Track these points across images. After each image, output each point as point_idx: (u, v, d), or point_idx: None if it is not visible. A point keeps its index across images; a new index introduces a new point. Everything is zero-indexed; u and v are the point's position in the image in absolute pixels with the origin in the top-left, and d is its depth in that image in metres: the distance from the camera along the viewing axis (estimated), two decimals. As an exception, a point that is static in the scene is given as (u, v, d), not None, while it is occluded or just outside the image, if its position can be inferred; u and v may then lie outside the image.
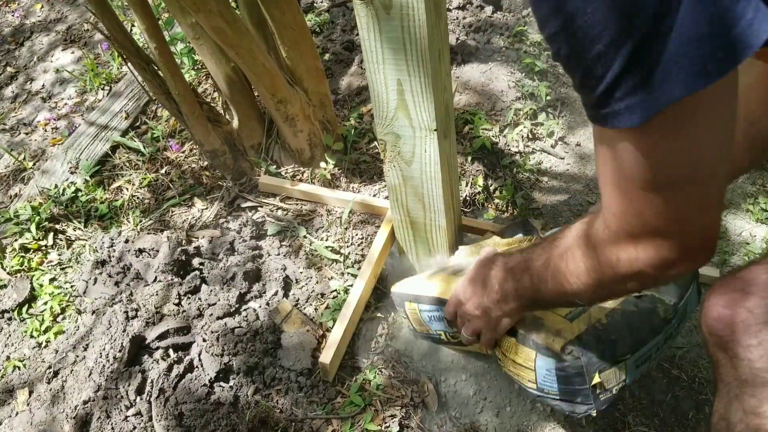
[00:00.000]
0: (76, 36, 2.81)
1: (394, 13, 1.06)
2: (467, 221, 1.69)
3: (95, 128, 2.22)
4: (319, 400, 1.43)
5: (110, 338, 1.50)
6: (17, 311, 1.73)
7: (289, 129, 1.82)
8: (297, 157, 1.92)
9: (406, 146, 1.30)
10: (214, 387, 1.43)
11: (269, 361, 1.46)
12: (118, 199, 1.98)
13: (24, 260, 1.85)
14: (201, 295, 1.59)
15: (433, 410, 1.41)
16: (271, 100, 1.73)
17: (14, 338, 1.68)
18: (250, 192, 1.90)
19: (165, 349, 1.50)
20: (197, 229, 1.82)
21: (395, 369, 1.46)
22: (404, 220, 1.49)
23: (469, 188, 1.81)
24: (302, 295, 1.62)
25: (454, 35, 2.30)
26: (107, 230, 1.87)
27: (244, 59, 1.59)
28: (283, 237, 1.76)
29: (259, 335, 1.49)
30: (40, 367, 1.58)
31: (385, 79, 1.18)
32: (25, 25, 2.96)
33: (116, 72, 2.53)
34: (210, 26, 1.48)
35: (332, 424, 1.39)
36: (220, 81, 1.83)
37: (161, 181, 2.00)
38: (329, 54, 2.35)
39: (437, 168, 1.31)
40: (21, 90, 2.63)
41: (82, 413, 1.42)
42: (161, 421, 1.38)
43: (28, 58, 2.78)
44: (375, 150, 1.94)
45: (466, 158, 1.87)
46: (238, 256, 1.67)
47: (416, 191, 1.40)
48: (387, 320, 1.57)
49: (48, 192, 2.02)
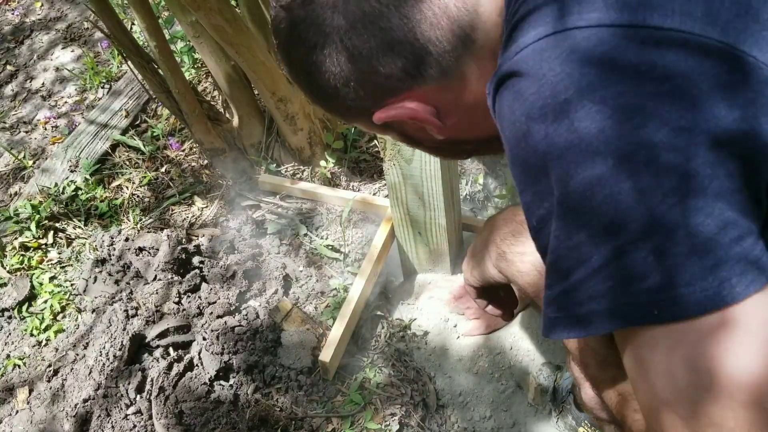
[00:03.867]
0: (76, 34, 2.81)
1: None
2: (467, 219, 1.69)
3: (95, 127, 2.22)
4: (319, 398, 1.43)
5: (110, 337, 1.50)
6: (17, 310, 1.73)
7: (289, 127, 1.82)
8: (297, 156, 1.92)
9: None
10: (214, 385, 1.44)
11: (269, 360, 1.46)
12: (118, 197, 1.98)
13: (24, 259, 1.85)
14: (201, 294, 1.59)
15: (433, 409, 1.41)
16: (271, 98, 1.73)
17: (14, 337, 1.68)
18: (250, 190, 1.90)
19: (165, 348, 1.50)
20: (197, 228, 1.82)
21: (395, 367, 1.46)
22: (404, 218, 1.49)
23: (470, 186, 1.81)
24: (302, 294, 1.61)
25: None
26: (107, 229, 1.87)
27: (244, 57, 1.59)
28: (283, 235, 1.76)
29: (259, 334, 1.49)
30: (40, 366, 1.58)
31: (385, 77, 1.18)
32: (25, 24, 2.96)
33: (116, 70, 2.53)
34: (210, 24, 1.48)
35: (332, 423, 1.39)
36: (220, 79, 1.82)
37: (161, 180, 2.00)
38: (329, 52, 2.34)
39: (437, 166, 1.31)
40: (21, 88, 2.63)
41: (82, 411, 1.42)
42: (161, 419, 1.38)
43: (28, 57, 2.77)
44: (375, 148, 1.94)
45: (466, 157, 1.87)
46: (238, 254, 1.67)
47: (416, 189, 1.39)
48: (387, 318, 1.57)
49: (48, 190, 2.02)
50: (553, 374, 1.41)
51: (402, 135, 0.82)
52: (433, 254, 1.55)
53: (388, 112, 0.73)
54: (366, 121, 0.76)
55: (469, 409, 1.42)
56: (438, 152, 0.94)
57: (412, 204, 1.44)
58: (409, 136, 0.82)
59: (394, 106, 0.72)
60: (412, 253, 1.58)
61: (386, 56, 0.67)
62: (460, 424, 1.40)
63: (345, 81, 0.70)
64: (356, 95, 0.72)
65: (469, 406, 1.43)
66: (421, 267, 1.61)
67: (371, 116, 0.74)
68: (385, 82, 0.70)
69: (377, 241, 1.59)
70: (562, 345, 1.44)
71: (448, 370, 1.49)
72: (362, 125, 0.80)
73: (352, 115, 0.78)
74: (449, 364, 1.50)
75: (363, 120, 0.77)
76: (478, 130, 0.77)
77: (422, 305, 1.62)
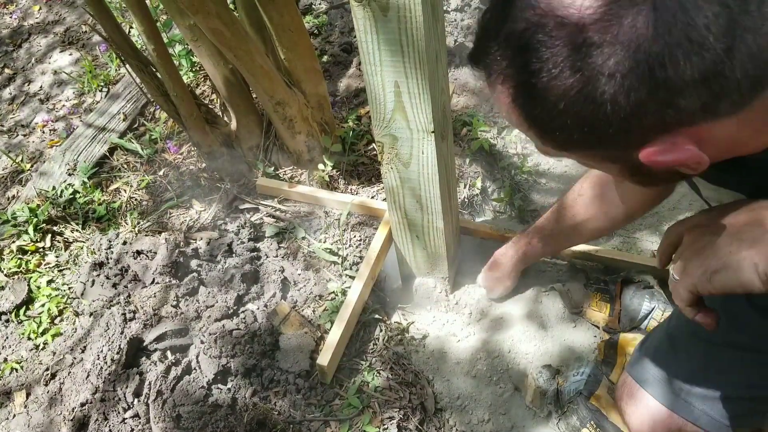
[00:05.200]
0: (74, 38, 2.81)
1: (391, 16, 1.07)
2: (465, 223, 1.69)
3: (93, 130, 2.22)
4: (317, 402, 1.43)
5: (108, 340, 1.50)
6: (15, 313, 1.73)
7: (287, 131, 1.82)
8: (295, 159, 1.92)
9: (403, 148, 1.30)
10: (212, 389, 1.43)
11: (267, 363, 1.46)
12: (116, 200, 1.98)
13: (21, 262, 1.85)
14: (199, 297, 1.58)
15: (431, 412, 1.41)
16: (269, 101, 1.73)
17: (12, 340, 1.68)
18: (249, 194, 1.90)
19: (163, 351, 1.50)
20: (195, 231, 1.82)
21: (393, 371, 1.46)
22: (402, 221, 1.49)
23: (467, 190, 1.81)
24: (300, 297, 1.61)
25: (452, 37, 2.30)
26: (105, 232, 1.87)
27: (242, 61, 1.59)
28: (281, 239, 1.76)
29: (257, 337, 1.49)
30: (37, 369, 1.58)
31: (382, 81, 1.18)
32: (23, 27, 2.96)
33: (114, 74, 2.53)
34: (208, 28, 1.48)
35: (330, 426, 1.39)
36: (218, 83, 1.83)
37: (159, 183, 2.00)
38: (327, 56, 2.35)
39: (435, 170, 1.31)
40: (19, 92, 2.63)
41: (80, 415, 1.42)
42: (159, 423, 1.37)
43: (26, 60, 2.77)
44: (373, 152, 1.94)
45: (464, 160, 1.87)
46: (236, 257, 1.67)
47: (414, 193, 1.40)
48: (385, 322, 1.57)
49: (46, 194, 2.01)
50: (553, 376, 1.41)
51: (632, 170, 0.73)
52: (431, 257, 1.55)
53: (666, 155, 0.65)
54: (599, 154, 0.69)
55: (467, 413, 1.42)
56: (652, 184, 0.80)
57: (409, 207, 1.44)
58: (644, 172, 0.72)
59: (675, 147, 0.64)
60: (410, 257, 1.58)
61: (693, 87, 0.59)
62: (458, 428, 1.40)
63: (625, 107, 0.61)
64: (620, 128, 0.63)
65: (468, 409, 1.43)
66: (419, 270, 1.61)
67: (623, 152, 0.67)
68: (674, 116, 0.62)
69: (375, 244, 1.59)
70: (563, 346, 1.44)
71: (447, 374, 1.49)
72: (584, 157, 0.73)
73: (587, 148, 0.69)
74: (447, 368, 1.50)
75: (596, 152, 0.69)
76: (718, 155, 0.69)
77: (420, 308, 1.62)
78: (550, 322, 1.53)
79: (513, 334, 1.53)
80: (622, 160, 0.71)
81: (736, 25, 0.57)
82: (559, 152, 0.73)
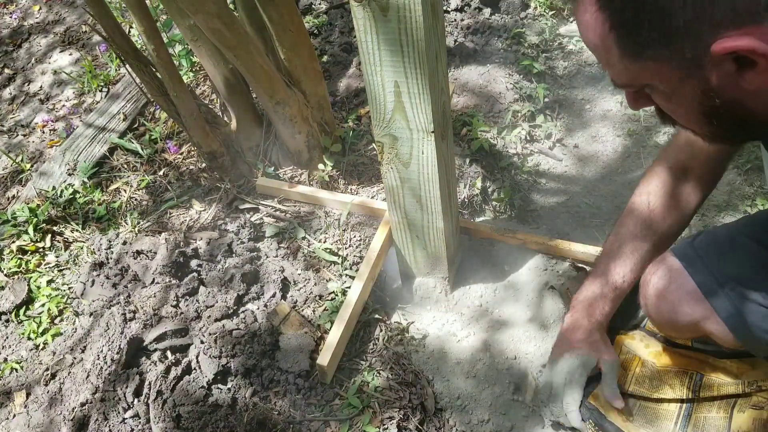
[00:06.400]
0: (74, 37, 2.81)
1: (391, 15, 1.07)
2: (465, 223, 1.69)
3: (93, 130, 2.22)
4: (317, 402, 1.43)
5: (108, 340, 1.50)
6: (14, 313, 1.73)
7: (287, 131, 1.82)
8: (295, 159, 1.92)
9: (403, 148, 1.30)
10: (212, 389, 1.43)
11: (267, 363, 1.46)
12: (116, 200, 1.98)
13: (21, 262, 1.85)
14: (199, 297, 1.58)
15: (432, 412, 1.41)
16: (269, 101, 1.73)
17: (11, 340, 1.68)
18: (249, 194, 1.90)
19: (163, 351, 1.50)
20: (195, 231, 1.82)
21: (393, 371, 1.46)
22: (402, 221, 1.49)
23: (468, 190, 1.81)
24: (300, 297, 1.61)
25: (452, 37, 2.30)
26: (105, 232, 1.87)
27: (242, 61, 1.59)
28: (281, 239, 1.76)
29: (257, 337, 1.49)
30: (37, 370, 1.58)
31: (382, 80, 1.18)
32: (23, 27, 2.96)
33: (114, 74, 2.53)
34: (208, 28, 1.48)
35: (330, 426, 1.39)
36: (218, 83, 1.83)
37: (159, 183, 2.00)
38: (327, 56, 2.35)
39: (434, 170, 1.31)
40: (19, 91, 2.63)
41: (80, 415, 1.42)
42: (159, 423, 1.38)
43: (26, 60, 2.77)
44: (373, 152, 1.94)
45: (464, 160, 1.87)
46: (236, 257, 1.67)
47: (414, 193, 1.40)
48: (385, 322, 1.57)
49: (46, 194, 2.02)
50: None
51: (700, 89, 0.75)
52: (431, 258, 1.55)
53: (737, 40, 0.67)
54: (657, 62, 0.72)
55: (467, 413, 1.42)
56: (710, 124, 0.82)
57: (409, 207, 1.44)
58: (693, 92, 0.76)
59: (745, 37, 0.67)
60: (410, 257, 1.58)
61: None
62: (458, 428, 1.40)
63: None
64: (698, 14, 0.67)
65: (468, 409, 1.43)
66: (419, 270, 1.61)
67: (698, 55, 0.70)
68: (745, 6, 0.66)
69: (375, 244, 1.59)
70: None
71: (447, 374, 1.49)
72: (645, 69, 0.76)
73: (661, 45, 0.72)
74: (447, 368, 1.50)
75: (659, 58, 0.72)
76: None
77: (420, 308, 1.62)
78: (550, 322, 1.53)
79: (513, 334, 1.53)
80: (697, 73, 0.73)
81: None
82: (636, 62, 0.76)
